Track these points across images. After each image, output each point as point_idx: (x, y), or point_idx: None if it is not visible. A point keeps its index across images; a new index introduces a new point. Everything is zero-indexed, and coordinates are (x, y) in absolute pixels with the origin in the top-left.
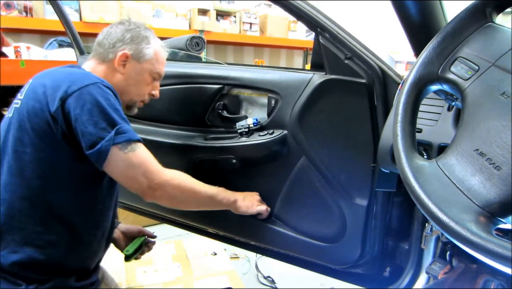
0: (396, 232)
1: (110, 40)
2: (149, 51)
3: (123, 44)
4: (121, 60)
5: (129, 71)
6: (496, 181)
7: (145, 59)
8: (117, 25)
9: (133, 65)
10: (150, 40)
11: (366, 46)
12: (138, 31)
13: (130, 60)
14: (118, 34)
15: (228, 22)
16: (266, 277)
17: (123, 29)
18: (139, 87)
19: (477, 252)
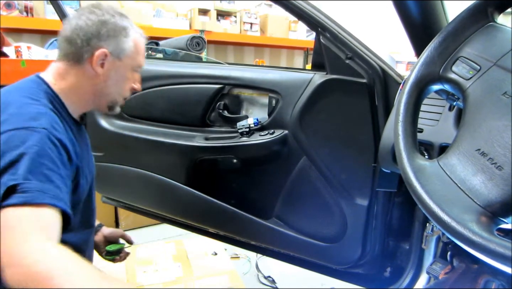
0: (397, 232)
1: (83, 37)
2: (129, 44)
3: (100, 41)
4: (99, 59)
5: (109, 70)
6: (497, 180)
7: (125, 54)
8: (86, 14)
9: (112, 63)
10: (128, 31)
11: (367, 46)
12: (115, 23)
13: (109, 58)
14: (92, 28)
15: (228, 22)
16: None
17: (97, 21)
18: (121, 85)
19: (478, 252)
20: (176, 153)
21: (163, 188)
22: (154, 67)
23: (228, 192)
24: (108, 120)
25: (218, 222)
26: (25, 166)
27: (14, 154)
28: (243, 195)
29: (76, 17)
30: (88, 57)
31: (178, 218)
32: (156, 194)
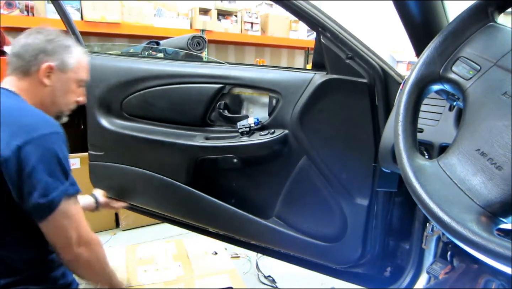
0: (397, 232)
1: (31, 52)
2: (72, 60)
3: (46, 56)
4: (45, 72)
5: (55, 82)
6: (497, 181)
7: (69, 68)
8: (34, 34)
9: (58, 76)
10: (71, 49)
11: (368, 46)
12: (59, 41)
13: (55, 71)
14: (40, 45)
15: (229, 22)
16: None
17: (43, 40)
18: (67, 97)
19: (478, 252)
20: (176, 152)
21: (163, 187)
22: (155, 66)
23: (229, 192)
24: (108, 120)
25: (219, 222)
26: (66, 163)
27: (59, 156)
28: (244, 195)
29: (24, 36)
30: (36, 70)
31: (178, 217)
32: (156, 193)
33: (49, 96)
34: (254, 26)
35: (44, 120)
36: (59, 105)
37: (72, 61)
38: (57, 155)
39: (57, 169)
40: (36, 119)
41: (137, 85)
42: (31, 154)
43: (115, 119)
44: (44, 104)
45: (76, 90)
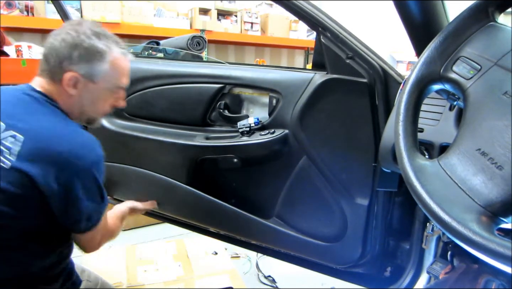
0: (397, 232)
1: (55, 58)
2: (103, 68)
3: (71, 64)
4: (69, 82)
5: (82, 92)
6: (498, 180)
7: (98, 77)
8: (63, 34)
9: (85, 85)
10: (104, 54)
11: (368, 46)
12: (89, 45)
13: (81, 81)
14: (64, 50)
15: (229, 22)
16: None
17: (71, 43)
18: (96, 106)
19: (479, 252)
20: (176, 152)
21: (164, 187)
22: (155, 66)
23: (229, 191)
24: (108, 120)
25: (219, 221)
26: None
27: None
28: (244, 194)
29: (54, 34)
30: (60, 78)
31: (178, 217)
32: (157, 193)
33: (77, 106)
34: (254, 26)
35: (87, 148)
36: (89, 113)
37: (102, 69)
38: (98, 181)
39: (97, 194)
40: (79, 147)
41: (137, 85)
42: (76, 187)
43: (115, 119)
44: (73, 112)
45: (110, 97)
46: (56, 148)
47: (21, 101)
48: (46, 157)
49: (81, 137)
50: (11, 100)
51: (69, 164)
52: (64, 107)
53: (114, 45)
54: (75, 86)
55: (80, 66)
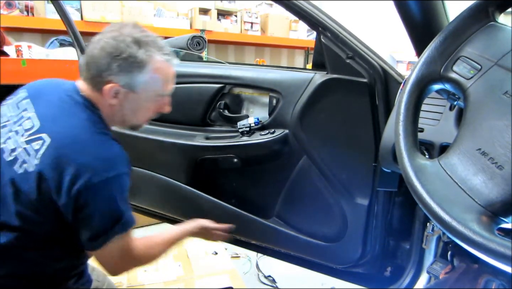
0: (397, 232)
1: (96, 68)
2: (144, 78)
3: (110, 75)
4: (109, 93)
5: (123, 102)
6: (498, 180)
7: (140, 88)
8: (103, 42)
9: (126, 95)
10: (144, 64)
11: (368, 46)
12: (129, 56)
13: (122, 91)
14: (104, 61)
15: (229, 22)
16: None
17: (109, 54)
18: (138, 114)
19: (479, 251)
20: (176, 152)
21: (164, 187)
22: None
23: (229, 191)
24: None
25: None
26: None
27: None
28: (244, 194)
29: (94, 42)
30: (100, 87)
31: (178, 217)
32: (157, 193)
33: (118, 114)
34: (254, 26)
35: (108, 162)
36: (131, 121)
37: (143, 79)
38: (114, 200)
39: (111, 214)
40: (100, 160)
41: None
42: (89, 201)
43: None
44: (115, 120)
45: (153, 105)
46: (75, 158)
47: (62, 102)
48: (64, 165)
49: (105, 151)
50: (52, 99)
51: (84, 177)
52: (105, 115)
53: (156, 53)
54: (115, 97)
55: (120, 77)
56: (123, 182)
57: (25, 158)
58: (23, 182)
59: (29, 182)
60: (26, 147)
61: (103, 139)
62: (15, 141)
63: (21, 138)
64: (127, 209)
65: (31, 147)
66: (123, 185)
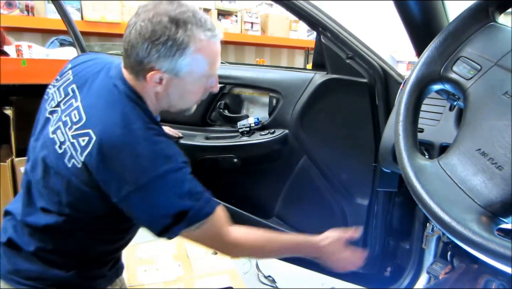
0: (397, 232)
1: (135, 56)
2: (187, 61)
3: (150, 62)
4: (153, 81)
5: (168, 88)
6: (498, 180)
7: (184, 72)
8: (138, 26)
9: (170, 80)
10: (186, 45)
11: (368, 46)
12: (167, 40)
13: (166, 76)
14: (142, 47)
15: (229, 22)
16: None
17: (146, 39)
18: (186, 99)
19: (478, 252)
20: None
21: None
22: None
23: (229, 191)
24: None
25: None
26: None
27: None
28: (244, 194)
29: (130, 25)
30: (143, 75)
31: None
32: None
33: (164, 101)
34: (254, 26)
35: (156, 158)
36: (178, 106)
37: (187, 62)
38: (170, 197)
39: (169, 211)
40: (148, 157)
41: None
42: (142, 202)
43: None
44: (162, 106)
45: (201, 87)
46: (121, 159)
47: (108, 92)
48: (110, 167)
49: (151, 149)
50: (98, 88)
51: (131, 179)
52: (151, 103)
53: (197, 30)
54: (159, 84)
55: (161, 63)
56: (177, 177)
57: (73, 152)
58: (73, 176)
59: (79, 177)
60: (73, 142)
61: (149, 136)
62: (64, 133)
63: (69, 131)
64: (194, 201)
65: (78, 142)
66: (178, 180)
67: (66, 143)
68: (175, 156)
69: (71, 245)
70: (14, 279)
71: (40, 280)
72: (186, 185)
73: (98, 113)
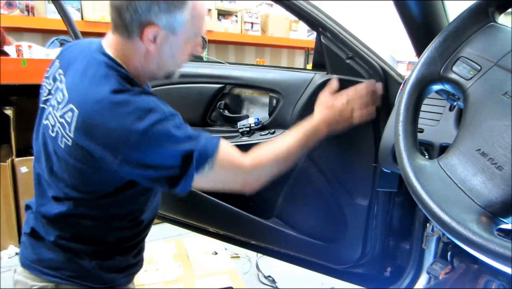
0: (397, 232)
1: (132, 11)
2: (184, 17)
3: (150, 16)
4: (149, 36)
5: (162, 45)
6: (498, 181)
7: (180, 28)
8: None
9: (165, 38)
10: (184, 2)
11: (368, 46)
12: None
13: (162, 34)
14: (141, 3)
15: (229, 22)
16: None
17: None
18: (177, 58)
19: (478, 252)
20: None
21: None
22: None
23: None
24: None
25: (219, 221)
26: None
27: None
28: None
29: None
30: (138, 33)
31: (178, 217)
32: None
33: (155, 62)
34: (254, 26)
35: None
36: (168, 67)
37: (184, 18)
38: (167, 147)
39: (175, 161)
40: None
41: None
42: (140, 160)
43: None
44: (151, 68)
45: (190, 46)
46: (104, 125)
47: (88, 66)
48: (96, 134)
49: (132, 106)
50: (80, 66)
51: (120, 140)
52: (139, 65)
53: None
54: (154, 41)
55: (159, 18)
56: (168, 126)
57: (63, 132)
58: (68, 156)
59: (73, 155)
60: (62, 121)
61: (127, 97)
62: (54, 116)
63: (57, 113)
64: (195, 143)
65: (65, 120)
66: (170, 128)
67: (57, 125)
68: (159, 107)
69: (88, 231)
70: (37, 269)
71: (63, 270)
72: (180, 131)
73: (78, 87)
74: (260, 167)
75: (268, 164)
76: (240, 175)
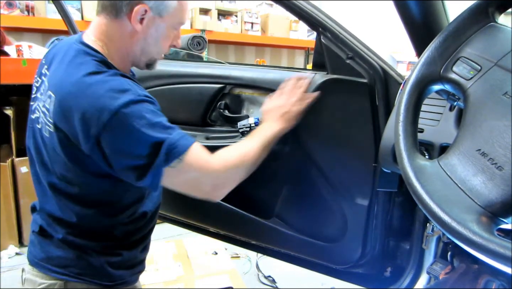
0: (397, 232)
1: None
2: (172, 3)
3: None
4: (138, 15)
5: (148, 28)
6: (498, 181)
7: (167, 12)
8: None
9: (152, 20)
10: None
11: (368, 46)
12: None
13: (149, 15)
14: None
15: (229, 22)
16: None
17: None
18: (160, 43)
19: (478, 252)
20: None
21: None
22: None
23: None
24: None
25: (219, 221)
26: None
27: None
28: (244, 194)
29: None
30: (127, 12)
31: (178, 217)
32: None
33: (139, 44)
34: (254, 26)
35: (113, 93)
36: (151, 53)
37: (172, 4)
38: (137, 130)
39: (143, 147)
40: (101, 97)
41: None
42: (111, 140)
43: None
44: (135, 52)
45: (171, 35)
46: (77, 105)
47: (66, 53)
48: (71, 115)
49: (106, 86)
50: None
51: (92, 119)
52: (123, 48)
53: None
54: (141, 22)
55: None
56: (141, 108)
57: (45, 120)
58: (53, 144)
59: (56, 143)
60: (44, 110)
61: (101, 78)
62: (39, 109)
63: (40, 103)
64: (167, 134)
65: (46, 107)
66: (142, 110)
67: (40, 115)
68: (133, 89)
69: (91, 226)
70: (46, 267)
71: (72, 268)
72: (153, 117)
73: (56, 76)
74: (229, 170)
75: (236, 167)
76: (209, 177)
